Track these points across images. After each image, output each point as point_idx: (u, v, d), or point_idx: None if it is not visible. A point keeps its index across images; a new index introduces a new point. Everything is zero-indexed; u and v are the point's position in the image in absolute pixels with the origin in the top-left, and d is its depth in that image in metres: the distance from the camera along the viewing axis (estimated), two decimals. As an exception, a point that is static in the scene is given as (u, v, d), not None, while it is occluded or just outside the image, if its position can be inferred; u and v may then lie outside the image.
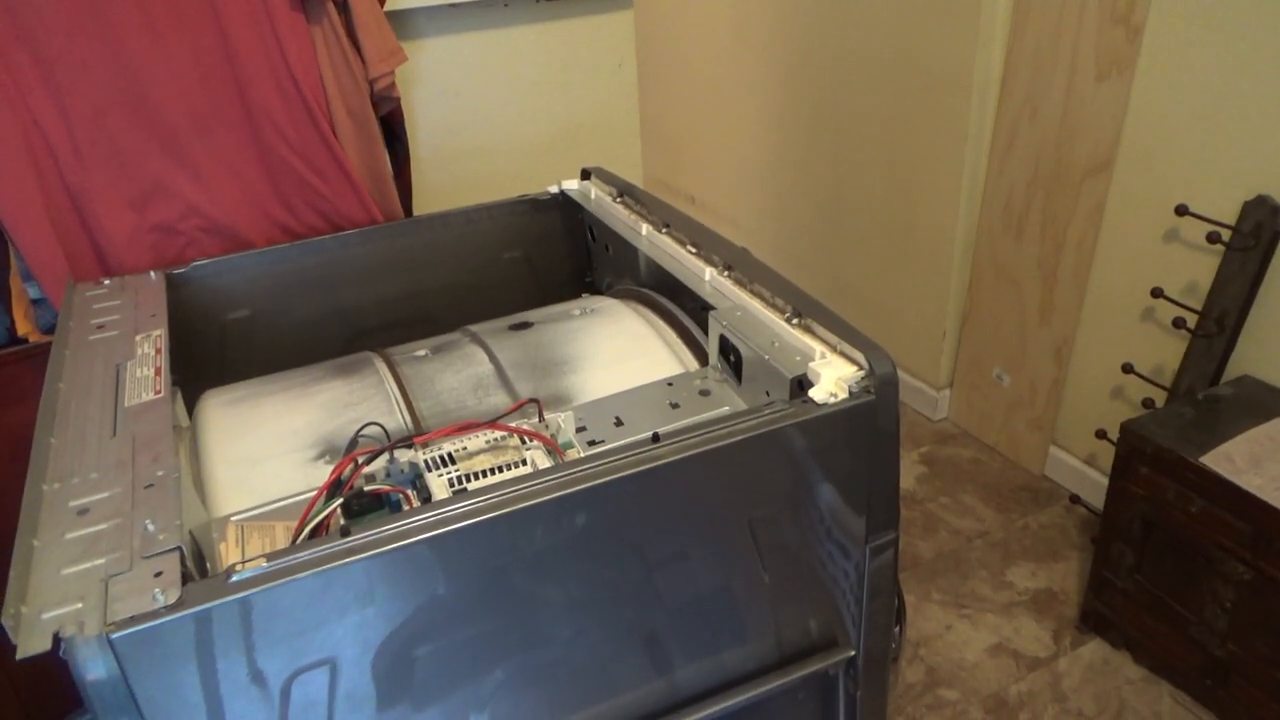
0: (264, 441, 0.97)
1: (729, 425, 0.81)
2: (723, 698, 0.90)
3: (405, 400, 1.02)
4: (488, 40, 1.78)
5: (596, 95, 1.93)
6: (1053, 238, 2.02)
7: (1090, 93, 1.85)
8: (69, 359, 1.00)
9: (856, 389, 0.84)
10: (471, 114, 1.82)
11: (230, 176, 1.43)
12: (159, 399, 0.91)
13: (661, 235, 1.21)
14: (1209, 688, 1.55)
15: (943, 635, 1.82)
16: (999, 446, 2.34)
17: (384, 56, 1.48)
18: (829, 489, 0.87)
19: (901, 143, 2.32)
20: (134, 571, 0.67)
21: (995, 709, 1.66)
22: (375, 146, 1.54)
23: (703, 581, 0.86)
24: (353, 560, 0.68)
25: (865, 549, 0.92)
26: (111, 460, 0.81)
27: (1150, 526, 1.58)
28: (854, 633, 0.97)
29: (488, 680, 0.79)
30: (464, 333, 1.17)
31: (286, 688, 0.70)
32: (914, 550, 2.04)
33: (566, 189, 1.43)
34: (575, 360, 1.08)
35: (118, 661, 0.62)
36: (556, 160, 1.93)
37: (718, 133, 3.08)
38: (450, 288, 1.40)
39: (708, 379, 1.02)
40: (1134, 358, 1.82)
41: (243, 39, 1.36)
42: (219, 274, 1.27)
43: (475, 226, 1.40)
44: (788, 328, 0.93)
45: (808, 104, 2.60)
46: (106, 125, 1.33)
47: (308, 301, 1.33)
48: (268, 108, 1.40)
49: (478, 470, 0.82)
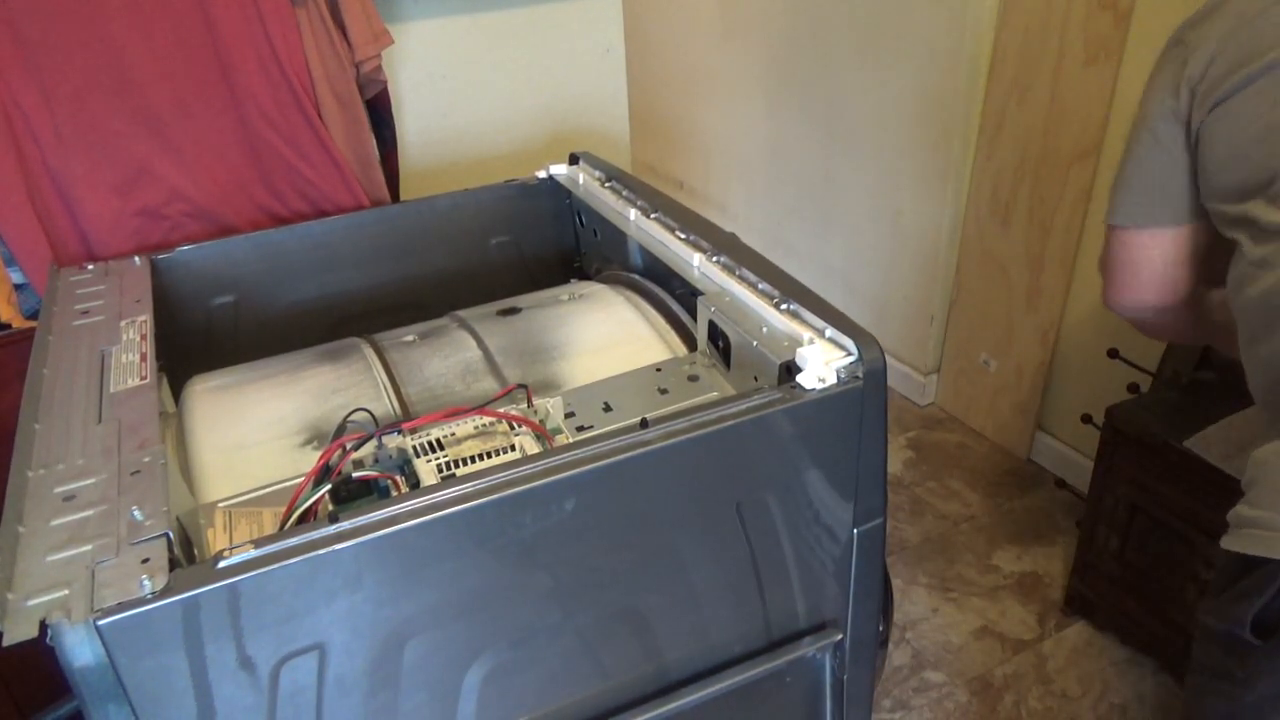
0: (251, 427, 0.96)
1: (717, 410, 0.81)
2: (711, 681, 0.91)
3: (393, 386, 1.01)
4: (475, 24, 1.77)
5: (585, 80, 1.92)
6: (1040, 223, 2.03)
7: (1078, 77, 1.85)
8: (53, 344, 0.99)
9: (844, 374, 0.85)
10: (459, 98, 1.81)
11: (215, 160, 1.42)
12: (145, 385, 0.90)
13: (650, 221, 1.20)
14: (1191, 669, 1.57)
15: (929, 618, 1.84)
16: (985, 431, 2.36)
17: (370, 39, 1.47)
18: (817, 474, 0.87)
19: (889, 128, 2.32)
20: (121, 558, 0.66)
21: (980, 691, 1.68)
22: (361, 131, 1.53)
23: (691, 566, 0.86)
24: (341, 546, 0.67)
25: (853, 533, 0.93)
26: (97, 446, 0.81)
27: (1134, 510, 1.60)
28: (842, 616, 0.98)
29: (476, 665, 0.79)
30: (452, 318, 1.17)
31: (275, 673, 0.70)
32: (901, 534, 2.05)
33: (555, 174, 1.42)
34: (564, 346, 1.08)
35: (105, 648, 0.62)
36: (544, 145, 1.92)
37: (706, 118, 3.07)
38: (438, 273, 1.40)
39: (696, 364, 1.02)
40: (1119, 343, 1.83)
41: (227, 21, 1.35)
42: (204, 259, 1.25)
43: (463, 211, 1.39)
44: (776, 313, 0.93)
45: (796, 90, 2.60)
46: (89, 108, 1.31)
47: (294, 287, 1.32)
48: (253, 91, 1.39)
49: (466, 456, 0.82)
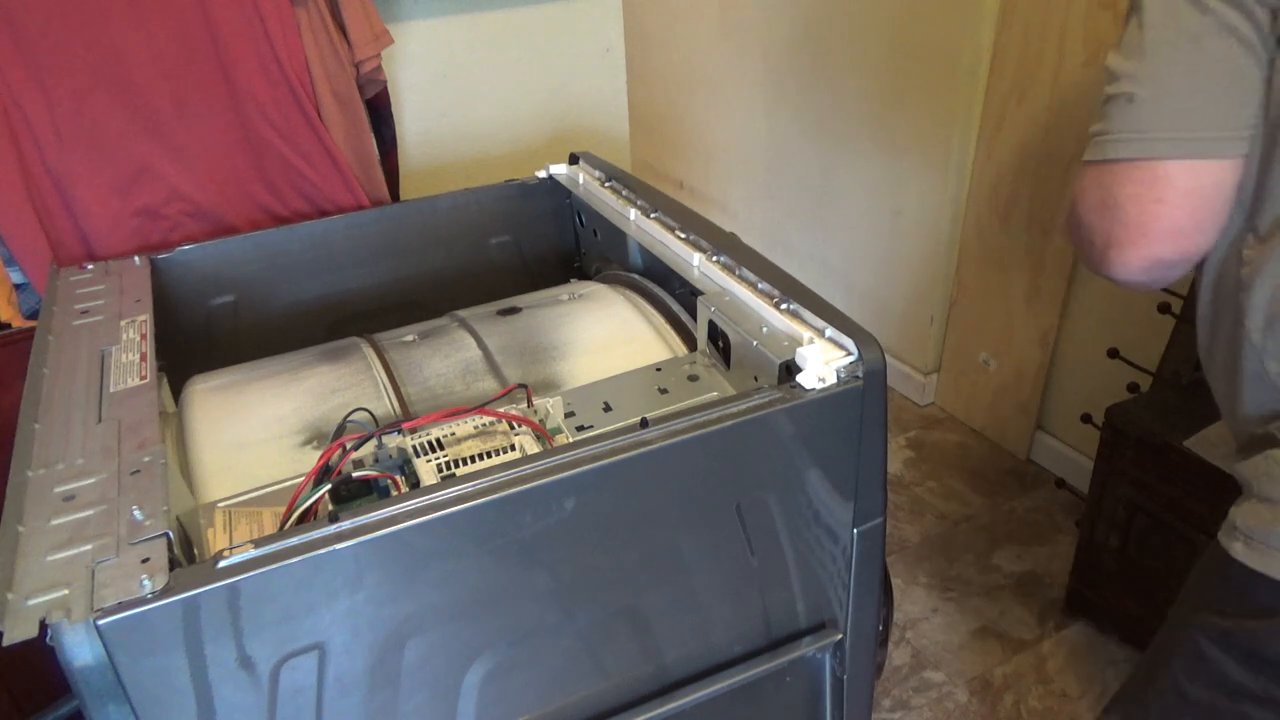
0: (251, 427, 0.96)
1: (717, 410, 0.81)
2: (711, 681, 0.91)
3: (393, 386, 1.01)
4: (475, 23, 1.77)
5: (584, 79, 1.92)
6: (1040, 223, 2.02)
7: (1078, 77, 1.85)
8: (53, 344, 0.99)
9: (844, 374, 0.85)
10: (459, 98, 1.81)
11: (215, 160, 1.42)
12: (145, 384, 0.90)
13: (650, 220, 1.20)
14: (1191, 669, 1.57)
15: (929, 618, 1.84)
16: (985, 431, 2.36)
17: (370, 39, 1.47)
18: (817, 474, 0.87)
19: (890, 128, 2.32)
20: (121, 558, 0.66)
21: (980, 691, 1.68)
22: (361, 130, 1.53)
23: (691, 566, 0.86)
24: (341, 546, 0.67)
25: (853, 533, 0.93)
26: (97, 446, 0.81)
27: (1134, 510, 1.59)
28: (842, 616, 0.98)
29: (476, 665, 0.79)
30: (452, 318, 1.17)
31: (275, 673, 0.70)
32: (901, 534, 2.05)
33: (555, 173, 1.42)
34: (564, 346, 1.08)
35: (105, 648, 0.62)
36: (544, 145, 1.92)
37: (706, 118, 3.07)
38: (438, 273, 1.40)
39: (696, 364, 1.02)
40: (1119, 343, 1.83)
41: (227, 21, 1.35)
42: (204, 258, 1.25)
43: (463, 211, 1.39)
44: (776, 313, 0.93)
45: (796, 89, 2.60)
46: (89, 107, 1.31)
47: (294, 286, 1.32)
48: (252, 91, 1.39)
49: (466, 456, 0.82)
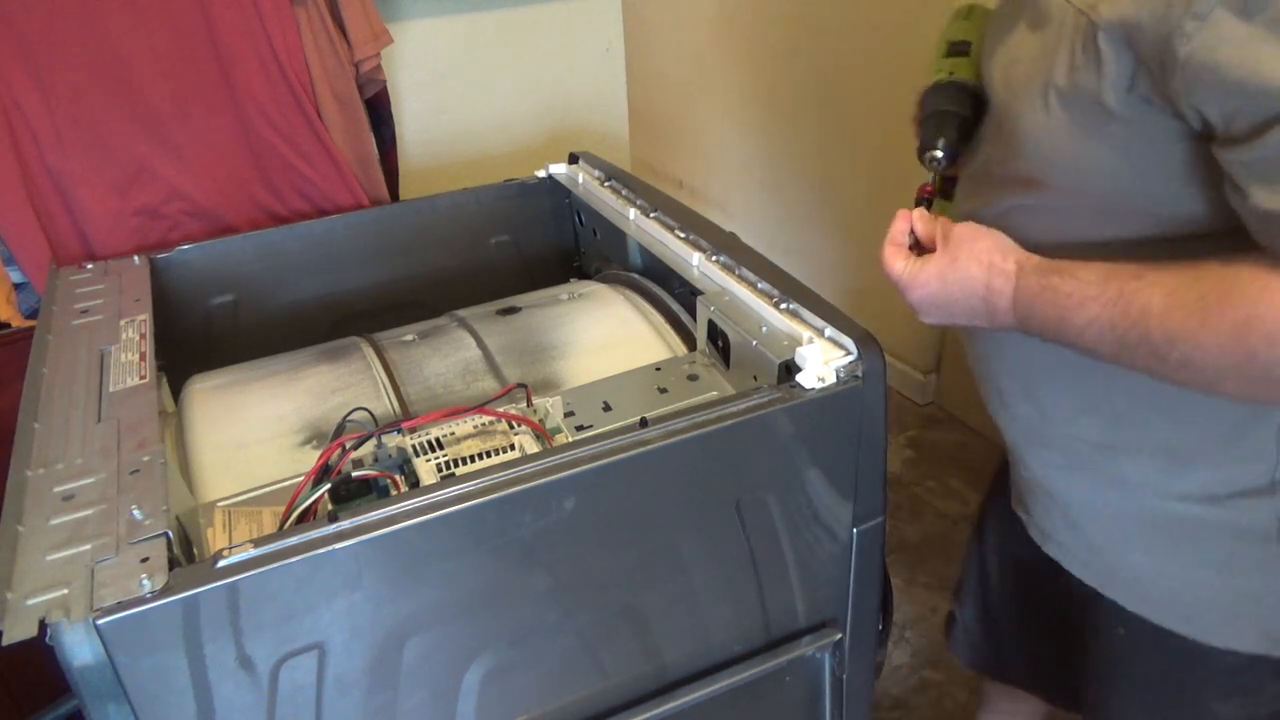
0: (250, 427, 0.96)
1: (717, 410, 0.81)
2: (710, 680, 0.90)
3: (393, 385, 1.01)
4: (475, 23, 1.77)
5: (584, 79, 1.92)
6: (1039, 223, 2.02)
7: (1078, 78, 1.85)
8: (52, 344, 0.99)
9: (844, 374, 0.85)
10: (458, 98, 1.81)
11: (214, 160, 1.42)
12: (144, 384, 0.90)
13: (649, 220, 1.20)
14: (1190, 668, 1.57)
15: (928, 618, 1.84)
16: (985, 430, 2.35)
17: (369, 39, 1.47)
18: (816, 473, 0.87)
19: (889, 126, 2.31)
20: (120, 557, 0.66)
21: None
22: (361, 130, 1.53)
23: (691, 565, 0.86)
24: (340, 546, 0.67)
25: (853, 532, 0.93)
26: (96, 446, 0.80)
27: (1134, 509, 1.59)
28: (841, 616, 0.98)
29: (475, 664, 0.79)
30: (451, 318, 1.17)
31: (275, 672, 0.70)
32: (901, 534, 2.05)
33: (554, 173, 1.42)
34: (563, 345, 1.08)
35: (105, 647, 0.62)
36: (544, 144, 1.92)
37: (706, 117, 3.07)
38: (437, 272, 1.40)
39: (695, 364, 1.02)
40: (1119, 342, 1.83)
41: (226, 20, 1.35)
42: (204, 258, 1.25)
43: (462, 211, 1.39)
44: (775, 313, 0.93)
45: (796, 88, 2.60)
46: (88, 107, 1.31)
47: (293, 286, 1.32)
48: (252, 90, 1.39)
49: (466, 455, 0.82)
